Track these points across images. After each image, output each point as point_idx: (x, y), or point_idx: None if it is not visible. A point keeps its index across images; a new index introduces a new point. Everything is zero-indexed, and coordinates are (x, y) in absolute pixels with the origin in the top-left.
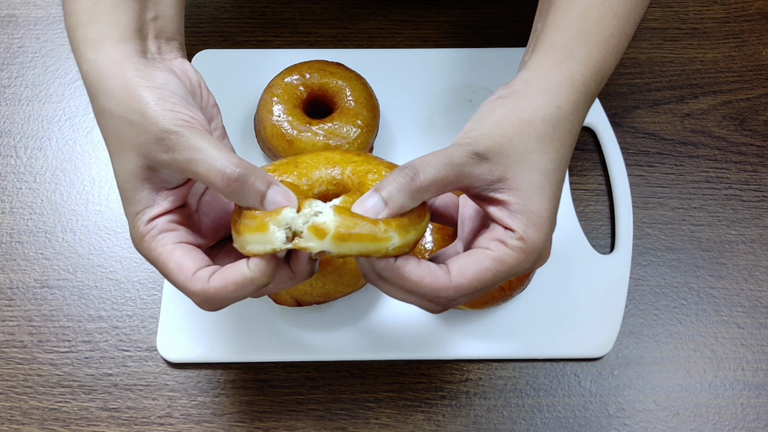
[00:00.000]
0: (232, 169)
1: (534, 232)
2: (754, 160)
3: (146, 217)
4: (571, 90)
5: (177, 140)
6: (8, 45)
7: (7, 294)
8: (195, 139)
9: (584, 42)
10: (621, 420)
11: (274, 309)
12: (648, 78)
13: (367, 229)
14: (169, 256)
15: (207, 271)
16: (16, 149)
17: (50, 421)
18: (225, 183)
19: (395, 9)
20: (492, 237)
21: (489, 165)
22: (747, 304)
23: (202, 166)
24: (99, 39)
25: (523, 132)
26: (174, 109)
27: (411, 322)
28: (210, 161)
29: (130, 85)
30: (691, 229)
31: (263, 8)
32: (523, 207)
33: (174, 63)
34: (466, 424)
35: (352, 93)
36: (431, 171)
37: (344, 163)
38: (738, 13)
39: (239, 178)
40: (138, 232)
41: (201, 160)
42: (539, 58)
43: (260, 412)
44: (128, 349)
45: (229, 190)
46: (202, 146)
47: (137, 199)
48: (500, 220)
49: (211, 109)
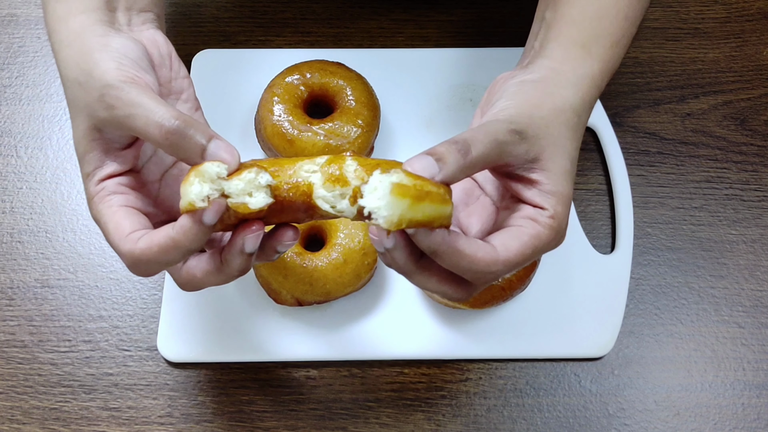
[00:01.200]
0: (170, 121)
1: (562, 210)
2: (755, 160)
3: (96, 178)
4: (592, 85)
5: (117, 95)
6: (9, 44)
7: (7, 294)
8: (135, 94)
9: (600, 42)
10: (621, 420)
11: (275, 309)
12: (649, 78)
13: (436, 189)
14: (110, 216)
15: (140, 233)
16: (16, 149)
17: (51, 421)
18: (163, 135)
19: (396, 8)
20: (523, 215)
21: (527, 145)
22: (748, 304)
23: (140, 120)
24: (66, 13)
25: (557, 118)
26: (120, 68)
27: (411, 321)
28: (148, 114)
29: (84, 50)
30: (691, 229)
31: (264, 8)
32: (554, 188)
33: (143, 33)
34: (466, 424)
35: (352, 93)
36: (480, 147)
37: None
38: (739, 13)
39: (177, 130)
40: (89, 194)
41: (139, 114)
42: (561, 51)
43: (261, 412)
44: (129, 348)
45: (167, 143)
46: (141, 101)
47: (87, 160)
48: (530, 198)
49: (181, 81)
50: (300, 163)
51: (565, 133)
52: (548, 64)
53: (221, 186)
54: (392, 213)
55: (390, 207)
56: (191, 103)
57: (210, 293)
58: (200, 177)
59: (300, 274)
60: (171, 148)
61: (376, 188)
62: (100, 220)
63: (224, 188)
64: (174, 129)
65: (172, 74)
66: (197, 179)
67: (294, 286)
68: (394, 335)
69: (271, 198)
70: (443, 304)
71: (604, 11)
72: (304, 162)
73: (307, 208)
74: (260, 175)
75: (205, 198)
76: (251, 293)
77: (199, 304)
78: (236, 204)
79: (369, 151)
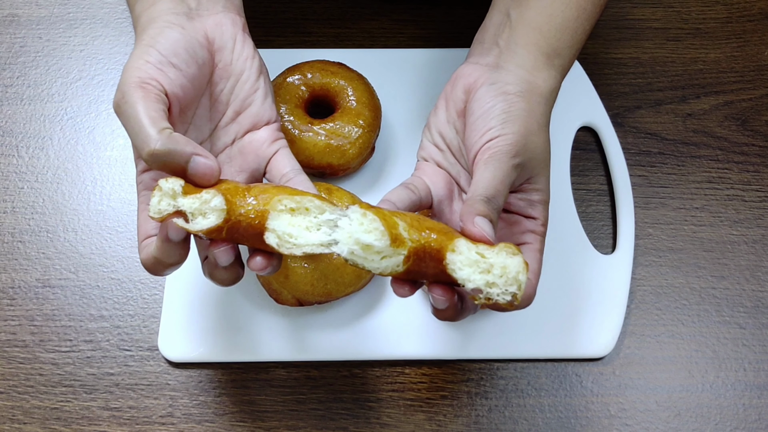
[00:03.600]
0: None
1: (547, 214)
2: (756, 161)
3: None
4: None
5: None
6: (10, 44)
7: (8, 293)
8: (131, 105)
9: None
10: (622, 420)
11: (276, 309)
12: (650, 78)
13: None
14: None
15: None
16: (18, 149)
17: (52, 421)
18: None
19: (397, 9)
20: (522, 230)
21: (525, 172)
22: (749, 305)
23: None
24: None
25: (541, 137)
26: (142, 67)
27: (412, 321)
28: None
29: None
30: (692, 230)
31: (265, 8)
32: (542, 198)
33: (209, 18)
34: (467, 424)
35: (354, 93)
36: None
37: None
38: (740, 14)
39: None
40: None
41: (129, 130)
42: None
43: (261, 412)
44: (130, 348)
45: (153, 164)
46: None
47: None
48: (521, 209)
49: (243, 62)
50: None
51: (543, 146)
52: (522, 75)
53: (177, 202)
54: (203, 227)
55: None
56: (250, 84)
57: (211, 293)
58: (159, 191)
59: (301, 275)
60: (157, 167)
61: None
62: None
63: (179, 204)
64: (155, 152)
65: (234, 56)
66: (157, 192)
67: (295, 286)
68: (395, 335)
69: (217, 222)
70: None
71: (568, 22)
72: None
73: (257, 235)
74: (215, 198)
75: (159, 211)
76: (252, 293)
77: (200, 305)
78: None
79: (370, 151)
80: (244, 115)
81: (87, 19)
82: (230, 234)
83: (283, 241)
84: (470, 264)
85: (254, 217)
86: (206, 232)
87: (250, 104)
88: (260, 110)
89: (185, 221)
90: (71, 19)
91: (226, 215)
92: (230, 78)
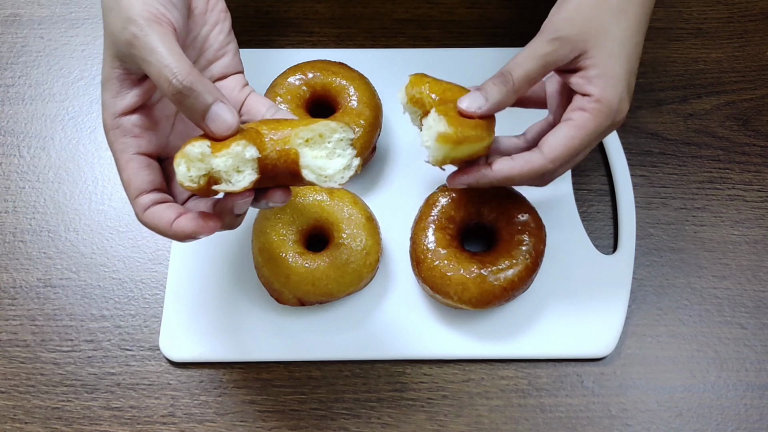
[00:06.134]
0: (179, 78)
1: (610, 91)
2: (758, 161)
3: (112, 110)
4: None
5: (137, 34)
6: (12, 44)
7: (10, 293)
8: (154, 38)
9: None
10: (623, 420)
11: (277, 308)
12: (651, 78)
13: (474, 132)
14: (124, 165)
15: (148, 198)
16: (19, 148)
17: (53, 420)
18: (171, 90)
19: (398, 9)
20: (574, 107)
21: (571, 45)
22: (750, 305)
23: (153, 69)
24: None
25: (599, 8)
26: (147, 2)
27: (413, 321)
28: (161, 66)
29: None
30: (694, 230)
31: (267, 8)
32: (599, 73)
33: None
34: (468, 424)
35: (355, 92)
36: (520, 71)
37: None
38: (742, 13)
39: (185, 88)
40: (105, 123)
41: (153, 62)
42: None
43: (262, 412)
44: (131, 348)
45: (174, 99)
46: (157, 48)
47: (107, 87)
48: (579, 87)
49: (218, 14)
50: (295, 130)
51: (608, 20)
52: None
53: (210, 164)
54: (436, 155)
55: (435, 150)
56: (224, 35)
57: (212, 293)
58: (185, 158)
59: (302, 274)
60: (177, 104)
61: (430, 127)
62: (115, 160)
63: (212, 165)
64: (182, 87)
65: (209, 5)
66: (182, 160)
67: (296, 286)
68: (396, 335)
69: (256, 174)
70: (445, 304)
71: None
72: (300, 129)
73: (293, 175)
74: (247, 148)
75: (192, 179)
76: (253, 293)
77: (201, 304)
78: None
79: (371, 151)
80: (216, 65)
81: (89, 18)
82: (259, 182)
83: (318, 175)
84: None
85: (278, 157)
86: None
87: (222, 55)
88: (231, 62)
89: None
90: (73, 19)
91: (259, 162)
92: (204, 26)
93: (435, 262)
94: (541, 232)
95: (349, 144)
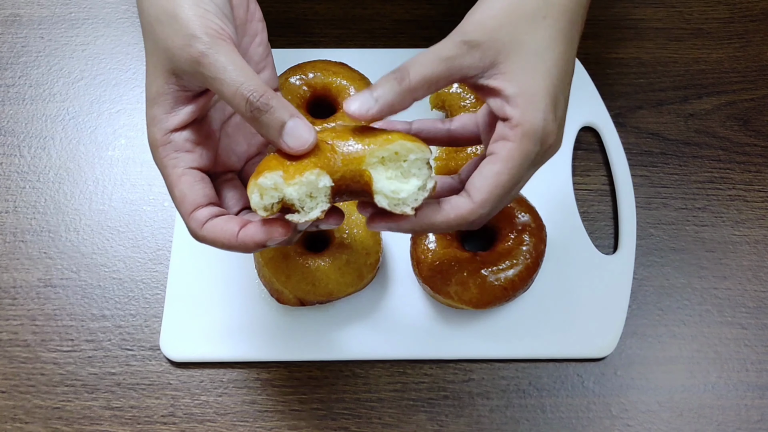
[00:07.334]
0: (256, 95)
1: (530, 112)
2: (758, 161)
3: (164, 126)
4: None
5: (204, 52)
6: (12, 44)
7: (10, 293)
8: (222, 56)
9: None
10: (624, 420)
11: (278, 308)
12: (652, 78)
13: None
14: (176, 181)
15: (205, 213)
16: (20, 148)
17: (53, 420)
18: (247, 109)
19: (398, 9)
20: (496, 137)
21: (480, 52)
22: (751, 305)
23: (226, 87)
24: None
25: (513, 12)
26: (206, 17)
27: (414, 321)
28: (236, 84)
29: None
30: (694, 230)
31: (267, 8)
32: (516, 91)
33: None
34: (468, 424)
35: (355, 93)
36: (420, 69)
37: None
38: (742, 14)
39: (262, 106)
40: (154, 139)
41: (226, 81)
42: None
43: (263, 412)
44: (131, 348)
45: (249, 116)
46: (228, 66)
47: (158, 102)
48: (498, 110)
49: (256, 24)
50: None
51: (523, 28)
52: None
53: (283, 192)
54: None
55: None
56: (263, 47)
57: (212, 293)
58: (258, 189)
59: (303, 274)
60: (252, 121)
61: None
62: (166, 177)
63: (285, 194)
64: (260, 105)
65: (248, 16)
66: (256, 189)
67: (296, 286)
68: (397, 335)
69: (328, 203)
70: (446, 304)
71: None
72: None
73: (363, 195)
74: (321, 177)
75: (265, 208)
76: (254, 293)
77: (202, 304)
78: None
79: None
80: None
81: (89, 18)
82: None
83: (392, 200)
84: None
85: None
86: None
87: (263, 68)
88: (271, 76)
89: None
90: (73, 19)
91: (332, 190)
92: (245, 37)
93: (435, 262)
94: (541, 232)
95: (425, 164)
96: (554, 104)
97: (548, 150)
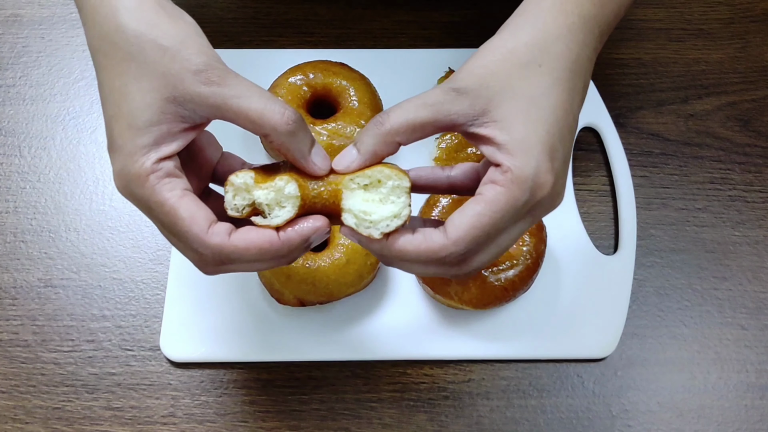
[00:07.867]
0: (288, 121)
1: (521, 159)
2: (759, 161)
3: (156, 155)
4: (559, 12)
5: (224, 74)
6: (13, 44)
7: (10, 293)
8: (243, 80)
9: None
10: (624, 421)
11: (278, 309)
12: (652, 78)
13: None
14: (178, 203)
15: (223, 228)
16: (20, 149)
17: (54, 420)
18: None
19: (399, 10)
20: (486, 180)
21: (469, 100)
22: (751, 306)
23: (254, 113)
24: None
25: (505, 60)
26: (210, 46)
27: (414, 322)
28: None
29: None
30: (695, 230)
31: (267, 8)
32: (507, 138)
33: None
34: (468, 425)
35: (355, 93)
36: (402, 114)
37: None
38: (743, 14)
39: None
40: (141, 169)
41: (255, 107)
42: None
43: (263, 412)
44: (132, 348)
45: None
46: (251, 86)
47: (149, 132)
48: (491, 157)
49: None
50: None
51: (515, 74)
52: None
53: (253, 195)
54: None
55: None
56: None
57: (213, 293)
58: (231, 187)
59: (303, 275)
60: (284, 144)
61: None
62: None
63: (255, 197)
64: (294, 127)
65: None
66: (231, 188)
67: (297, 286)
68: (397, 335)
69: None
70: (446, 304)
71: None
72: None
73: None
74: (288, 184)
75: (236, 207)
76: (254, 293)
77: (202, 305)
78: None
79: None
80: None
81: None
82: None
83: (360, 220)
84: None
85: (328, 197)
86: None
87: None
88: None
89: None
90: (74, 20)
91: (301, 201)
92: None
93: None
94: (541, 233)
95: (404, 192)
96: (550, 153)
97: (540, 202)
